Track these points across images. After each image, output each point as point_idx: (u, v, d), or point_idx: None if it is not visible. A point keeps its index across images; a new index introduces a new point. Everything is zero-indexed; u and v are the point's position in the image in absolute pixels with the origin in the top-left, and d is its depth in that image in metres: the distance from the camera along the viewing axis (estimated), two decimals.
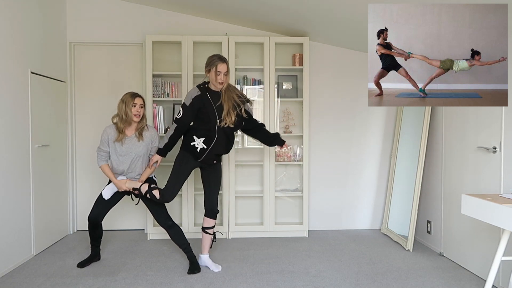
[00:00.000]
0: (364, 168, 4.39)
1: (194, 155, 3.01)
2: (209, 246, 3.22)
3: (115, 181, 3.12)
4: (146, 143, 3.15)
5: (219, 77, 2.93)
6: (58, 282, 2.89)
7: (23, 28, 3.33)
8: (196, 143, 2.98)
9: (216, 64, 2.91)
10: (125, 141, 3.10)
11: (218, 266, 3.16)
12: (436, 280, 2.95)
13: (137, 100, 3.10)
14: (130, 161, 3.12)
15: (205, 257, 3.19)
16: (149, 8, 4.20)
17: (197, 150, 2.98)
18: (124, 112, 3.06)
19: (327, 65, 4.31)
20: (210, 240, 3.21)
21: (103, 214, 3.18)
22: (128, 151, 3.10)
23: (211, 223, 3.18)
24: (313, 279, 2.96)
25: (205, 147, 2.97)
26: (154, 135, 3.21)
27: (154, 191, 2.99)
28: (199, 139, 2.97)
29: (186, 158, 3.03)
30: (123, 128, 3.09)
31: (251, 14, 3.85)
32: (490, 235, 2.86)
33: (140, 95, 3.15)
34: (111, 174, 3.14)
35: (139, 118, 3.11)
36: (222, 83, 2.96)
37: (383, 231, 4.22)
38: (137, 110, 3.08)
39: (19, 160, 3.24)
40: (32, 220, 3.41)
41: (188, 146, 3.01)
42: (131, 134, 3.14)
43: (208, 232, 3.18)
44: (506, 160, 2.69)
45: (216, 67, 2.91)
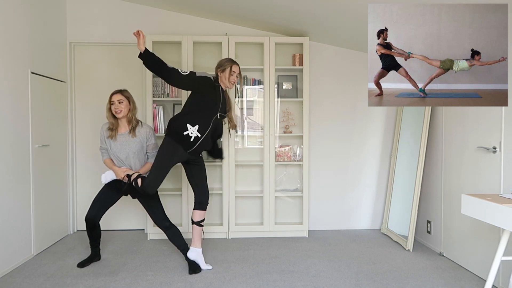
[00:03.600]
0: (364, 168, 4.39)
1: (185, 145, 2.94)
2: (202, 238, 3.20)
3: (115, 168, 3.15)
4: (140, 140, 3.15)
5: (233, 77, 3.10)
6: (58, 282, 2.89)
7: (23, 28, 3.33)
8: (190, 131, 2.91)
9: (231, 64, 3.09)
10: (118, 138, 3.13)
11: (209, 265, 3.16)
12: (436, 280, 2.95)
13: (114, 97, 3.13)
14: (125, 158, 3.13)
15: (200, 251, 3.16)
16: (149, 8, 4.20)
17: (190, 139, 2.92)
18: (107, 110, 3.15)
19: (327, 65, 4.31)
20: (202, 232, 3.19)
21: (100, 215, 3.18)
22: (122, 148, 3.12)
23: (202, 215, 3.17)
24: (313, 279, 2.96)
25: (199, 135, 2.95)
26: (149, 131, 3.22)
27: (138, 179, 2.99)
28: (193, 127, 2.92)
29: (173, 149, 2.95)
30: (111, 127, 3.14)
31: (251, 14, 3.85)
32: (490, 235, 2.86)
33: (119, 91, 3.16)
34: (111, 164, 3.19)
35: (122, 113, 3.12)
36: (234, 84, 3.14)
37: (383, 231, 4.22)
38: (115, 107, 3.11)
39: (19, 160, 3.24)
40: (32, 220, 3.42)
41: (180, 136, 2.92)
42: (124, 130, 3.16)
43: (202, 225, 3.17)
44: (506, 160, 2.70)
45: (231, 68, 3.08)
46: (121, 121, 3.16)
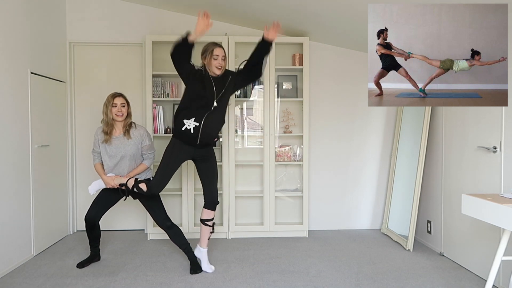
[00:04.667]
0: (364, 168, 4.39)
1: (189, 141, 2.92)
2: (207, 238, 3.17)
3: (104, 177, 3.12)
4: (134, 142, 3.13)
5: (217, 62, 2.89)
6: (58, 282, 2.88)
7: (23, 28, 3.33)
8: (187, 125, 2.88)
9: (212, 48, 2.89)
10: (113, 141, 3.10)
11: (212, 267, 3.13)
12: (436, 280, 2.95)
13: (117, 100, 3.08)
14: (120, 160, 3.10)
15: (205, 251, 3.14)
16: (149, 8, 4.20)
17: (190, 132, 2.88)
18: (105, 113, 3.07)
19: (327, 65, 4.30)
20: (209, 232, 3.16)
21: (99, 215, 3.17)
22: (117, 151, 3.09)
23: (211, 214, 3.13)
24: (313, 279, 2.96)
25: (197, 124, 2.88)
26: (143, 133, 3.19)
27: (140, 184, 2.97)
28: (189, 120, 2.88)
29: (178, 146, 2.95)
30: (108, 130, 3.08)
31: (251, 14, 3.84)
32: (490, 235, 2.86)
33: (121, 94, 3.14)
34: (101, 172, 3.15)
35: (122, 117, 3.09)
36: (220, 68, 2.92)
37: (383, 231, 4.22)
38: (118, 110, 3.07)
39: (19, 160, 3.24)
40: (32, 220, 3.41)
41: (180, 132, 2.91)
42: (119, 133, 3.13)
43: (208, 224, 3.14)
44: (506, 160, 2.70)
45: (212, 52, 2.89)
46: (117, 124, 3.13)
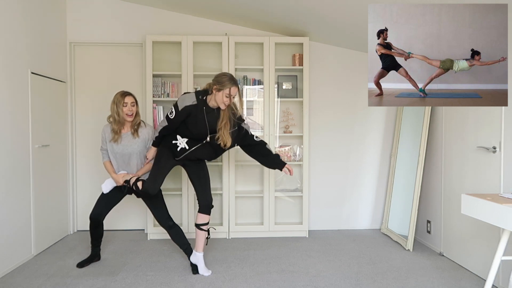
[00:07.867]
0: (364, 168, 4.39)
1: (173, 153, 2.98)
2: (204, 243, 3.11)
3: (114, 176, 3.15)
4: (142, 140, 3.15)
5: (228, 100, 2.80)
6: (58, 282, 2.89)
7: (23, 28, 3.33)
8: (178, 142, 2.95)
9: (229, 87, 2.76)
10: (121, 140, 3.12)
11: (208, 270, 3.08)
12: (436, 280, 2.95)
13: (128, 99, 3.09)
14: (128, 158, 3.14)
15: (201, 256, 3.10)
16: (149, 8, 4.20)
17: (177, 149, 2.95)
18: (116, 112, 3.07)
19: (327, 65, 4.31)
20: (205, 237, 3.12)
21: (105, 213, 3.18)
22: (125, 149, 3.12)
23: (206, 219, 3.07)
24: (313, 279, 2.96)
25: (187, 147, 2.94)
26: (151, 132, 3.22)
27: (138, 182, 3.02)
28: (182, 138, 2.95)
29: (166, 154, 3.00)
30: (118, 129, 3.10)
31: (251, 14, 3.85)
32: (490, 235, 2.86)
33: (130, 93, 3.15)
34: (110, 170, 3.18)
35: (132, 116, 3.12)
36: (227, 106, 2.85)
37: (383, 231, 4.22)
38: (128, 109, 3.08)
39: (19, 160, 3.24)
40: (32, 220, 3.41)
41: (170, 143, 2.99)
42: (127, 131, 3.15)
43: (203, 229, 3.09)
44: (506, 160, 2.70)
45: (230, 90, 2.77)
46: (127, 123, 3.15)
